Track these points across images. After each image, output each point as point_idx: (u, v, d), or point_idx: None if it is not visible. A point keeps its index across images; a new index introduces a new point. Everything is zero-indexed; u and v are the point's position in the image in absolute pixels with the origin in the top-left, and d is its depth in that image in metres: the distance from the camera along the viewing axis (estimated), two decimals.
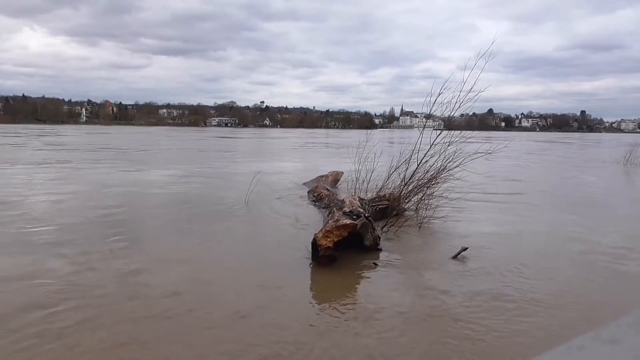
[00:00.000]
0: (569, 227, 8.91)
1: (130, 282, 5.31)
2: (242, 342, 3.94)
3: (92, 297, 4.79)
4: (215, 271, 5.90)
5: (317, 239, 6.03)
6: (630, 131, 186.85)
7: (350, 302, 5.06)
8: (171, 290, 5.03)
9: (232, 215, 9.22)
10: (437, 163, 9.16)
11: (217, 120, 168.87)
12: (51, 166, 18.03)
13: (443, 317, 4.55)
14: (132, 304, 4.67)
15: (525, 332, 4.25)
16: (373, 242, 6.80)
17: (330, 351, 3.84)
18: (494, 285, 5.43)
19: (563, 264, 6.45)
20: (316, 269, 6.00)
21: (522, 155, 30.51)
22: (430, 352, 3.89)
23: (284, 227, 8.29)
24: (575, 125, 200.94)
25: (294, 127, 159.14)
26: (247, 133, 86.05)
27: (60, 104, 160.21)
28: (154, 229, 8.28)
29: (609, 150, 38.91)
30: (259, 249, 6.92)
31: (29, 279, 5.29)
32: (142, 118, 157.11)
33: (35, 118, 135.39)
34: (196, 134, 70.00)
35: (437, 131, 9.60)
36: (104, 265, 5.87)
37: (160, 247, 6.90)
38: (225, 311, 4.56)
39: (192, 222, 8.54)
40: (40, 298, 4.73)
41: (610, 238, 8.08)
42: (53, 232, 7.47)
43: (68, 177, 14.86)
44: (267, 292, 5.09)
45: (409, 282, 5.81)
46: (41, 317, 4.28)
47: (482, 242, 7.38)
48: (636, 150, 23.86)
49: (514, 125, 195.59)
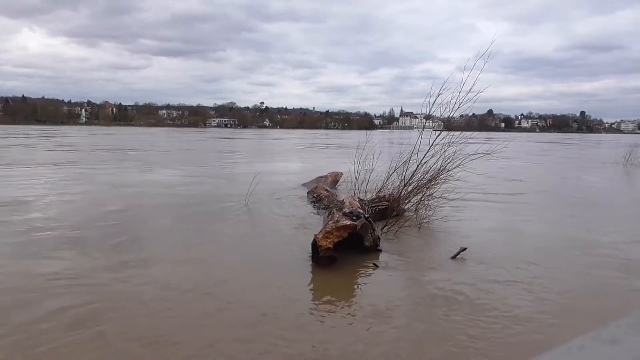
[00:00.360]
0: (568, 227, 8.92)
1: (139, 281, 5.33)
2: (252, 344, 3.95)
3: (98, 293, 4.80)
4: (217, 272, 5.87)
5: (317, 240, 6.02)
6: (630, 132, 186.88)
7: (352, 303, 5.05)
8: (177, 291, 5.05)
9: (232, 217, 9.21)
10: (437, 164, 9.16)
11: (217, 121, 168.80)
12: (69, 167, 18.07)
13: (443, 317, 4.54)
14: (143, 302, 4.68)
15: (526, 333, 4.24)
16: (373, 243, 6.78)
17: (345, 350, 3.84)
18: (493, 286, 5.42)
19: (563, 264, 6.44)
20: (316, 270, 5.99)
21: (523, 155, 30.51)
22: (432, 353, 3.89)
23: (283, 228, 8.28)
24: (574, 126, 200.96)
25: (294, 127, 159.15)
26: (248, 134, 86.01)
27: (60, 105, 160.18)
28: (161, 229, 8.28)
29: (609, 150, 38.90)
30: (258, 251, 6.88)
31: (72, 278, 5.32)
32: (142, 119, 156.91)
33: (35, 119, 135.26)
34: (198, 135, 70.03)
35: (436, 132, 9.61)
36: (109, 262, 5.89)
37: (163, 248, 6.92)
38: (228, 313, 4.57)
39: (193, 222, 8.56)
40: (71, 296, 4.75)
41: (611, 238, 8.09)
42: (66, 233, 7.50)
43: (82, 178, 14.87)
44: (269, 293, 5.08)
45: (409, 283, 5.80)
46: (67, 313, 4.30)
47: (482, 242, 7.38)
48: (636, 151, 23.82)
49: (514, 126, 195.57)
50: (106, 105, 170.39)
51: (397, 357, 3.79)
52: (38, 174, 15.41)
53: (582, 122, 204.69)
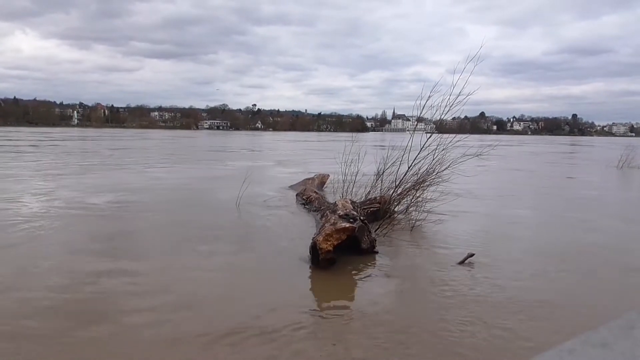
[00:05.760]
0: (563, 228, 8.92)
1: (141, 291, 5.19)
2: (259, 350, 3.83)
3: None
4: (214, 280, 5.69)
5: (318, 242, 5.94)
6: (621, 135, 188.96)
7: (356, 305, 5.01)
8: (177, 299, 4.93)
9: (223, 220, 9.08)
10: (428, 166, 9.09)
11: (209, 123, 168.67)
12: (92, 171, 17.83)
13: (443, 317, 4.49)
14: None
15: (527, 332, 4.19)
16: (370, 245, 6.74)
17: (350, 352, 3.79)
18: (492, 289, 5.34)
19: (559, 266, 6.37)
20: (316, 273, 5.91)
21: (520, 156, 30.58)
22: (433, 353, 3.81)
23: (275, 231, 8.17)
24: (566, 128, 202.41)
25: (286, 130, 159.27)
26: (240, 136, 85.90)
27: (52, 107, 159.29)
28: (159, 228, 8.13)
29: (611, 152, 39.10)
30: (254, 256, 6.73)
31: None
32: (134, 121, 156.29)
33: (27, 121, 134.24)
34: (192, 138, 69.78)
35: (428, 134, 9.56)
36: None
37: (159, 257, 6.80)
38: (234, 319, 4.44)
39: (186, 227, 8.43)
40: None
41: (611, 238, 8.08)
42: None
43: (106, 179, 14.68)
44: (272, 298, 4.97)
45: (409, 285, 5.69)
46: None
47: (480, 243, 7.30)
48: (630, 153, 23.83)
49: (506, 129, 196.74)
50: (98, 107, 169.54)
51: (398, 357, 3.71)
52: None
53: (574, 125, 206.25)
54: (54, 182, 13.87)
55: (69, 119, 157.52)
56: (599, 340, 0.53)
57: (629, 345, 0.53)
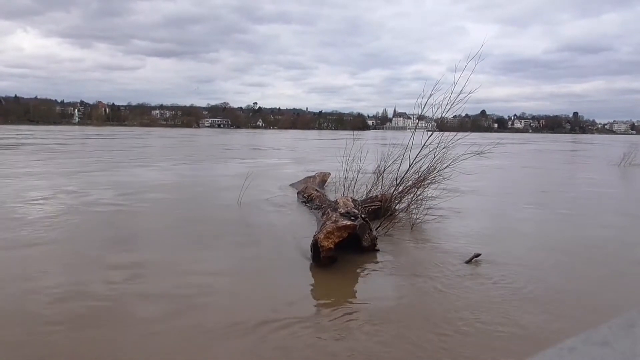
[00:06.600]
0: (563, 226, 8.91)
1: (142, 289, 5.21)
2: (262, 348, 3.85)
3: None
4: (214, 279, 5.67)
5: (319, 240, 5.94)
6: (622, 132, 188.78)
7: (358, 302, 5.01)
8: (180, 298, 4.95)
9: (224, 218, 9.09)
10: (430, 163, 9.08)
11: (210, 122, 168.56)
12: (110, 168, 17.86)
13: (443, 318, 4.49)
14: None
15: (534, 329, 4.19)
16: (371, 243, 6.73)
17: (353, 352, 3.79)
18: (491, 288, 5.35)
19: (558, 264, 6.38)
20: (318, 271, 5.92)
21: (522, 154, 30.56)
22: (435, 350, 3.82)
23: (277, 228, 8.17)
24: (567, 126, 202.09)
25: (287, 128, 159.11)
26: (243, 134, 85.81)
27: (53, 105, 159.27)
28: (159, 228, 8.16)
29: (610, 150, 39.05)
30: (255, 254, 6.71)
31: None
32: (135, 119, 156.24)
33: (28, 119, 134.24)
34: (192, 135, 69.74)
35: (429, 132, 9.54)
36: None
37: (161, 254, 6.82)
38: (235, 315, 4.46)
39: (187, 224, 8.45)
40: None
41: (611, 237, 8.07)
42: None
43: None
44: (274, 295, 4.99)
45: (410, 283, 5.68)
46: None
47: (480, 242, 7.29)
48: (631, 151, 23.77)
49: (507, 127, 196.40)
50: (99, 105, 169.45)
51: (400, 357, 3.72)
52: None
53: (575, 123, 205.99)
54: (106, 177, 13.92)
55: (70, 117, 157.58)
56: (600, 338, 0.53)
57: (630, 344, 0.53)
